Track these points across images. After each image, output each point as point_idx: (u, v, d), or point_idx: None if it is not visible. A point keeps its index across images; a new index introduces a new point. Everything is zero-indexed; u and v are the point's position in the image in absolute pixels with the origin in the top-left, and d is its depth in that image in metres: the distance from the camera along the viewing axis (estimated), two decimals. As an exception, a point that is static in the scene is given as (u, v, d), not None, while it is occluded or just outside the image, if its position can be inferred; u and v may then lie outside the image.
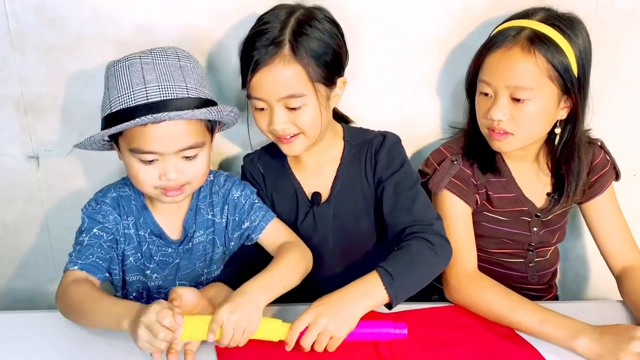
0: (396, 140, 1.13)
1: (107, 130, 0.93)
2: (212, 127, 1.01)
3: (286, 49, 0.99)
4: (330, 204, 1.12)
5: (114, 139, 0.98)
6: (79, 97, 1.18)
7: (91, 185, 1.24)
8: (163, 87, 0.93)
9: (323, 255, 1.12)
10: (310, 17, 1.02)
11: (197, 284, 1.10)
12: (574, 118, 1.08)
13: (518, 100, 1.03)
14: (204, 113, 0.95)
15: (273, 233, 1.08)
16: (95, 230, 1.01)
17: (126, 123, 0.91)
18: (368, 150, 1.12)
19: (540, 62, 1.00)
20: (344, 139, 1.14)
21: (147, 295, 1.08)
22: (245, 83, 1.03)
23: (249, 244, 1.10)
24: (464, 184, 1.12)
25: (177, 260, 1.07)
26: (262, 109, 1.03)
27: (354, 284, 0.95)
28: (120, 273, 1.06)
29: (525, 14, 1.07)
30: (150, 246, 1.05)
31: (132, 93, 0.92)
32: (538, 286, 1.24)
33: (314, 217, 1.12)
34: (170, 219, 1.06)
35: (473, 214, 1.14)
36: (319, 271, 1.10)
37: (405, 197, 1.07)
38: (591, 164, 1.17)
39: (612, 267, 1.18)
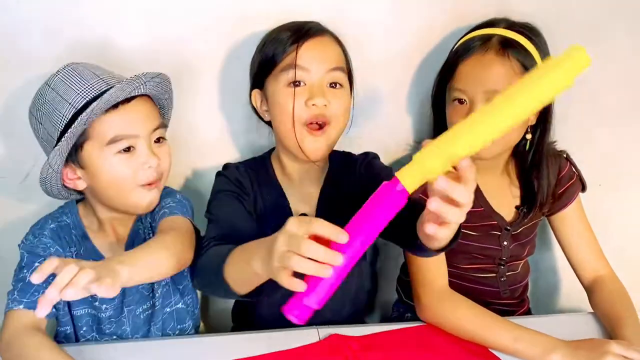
0: (374, 155, 1.14)
1: (81, 118, 0.88)
2: None
3: (328, 32, 1.02)
4: None
5: (74, 156, 0.93)
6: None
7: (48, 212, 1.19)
8: (115, 76, 0.94)
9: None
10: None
11: (148, 309, 1.04)
12: (543, 122, 1.09)
13: None
14: (165, 82, 0.98)
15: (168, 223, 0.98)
16: (37, 264, 0.95)
17: (108, 93, 0.88)
18: (352, 170, 1.09)
19: (515, 66, 1.02)
20: (329, 161, 1.11)
21: (97, 329, 1.02)
22: (275, 63, 0.99)
23: None
24: None
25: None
26: (299, 84, 0.97)
27: None
28: (66, 308, 1.00)
29: (489, 24, 1.09)
30: None
31: (90, 85, 0.91)
32: (510, 300, 1.23)
33: None
34: (113, 244, 1.02)
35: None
36: None
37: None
38: (558, 176, 1.17)
39: (582, 278, 1.18)
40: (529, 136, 1.10)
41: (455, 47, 1.11)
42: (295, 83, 0.97)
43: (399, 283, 1.31)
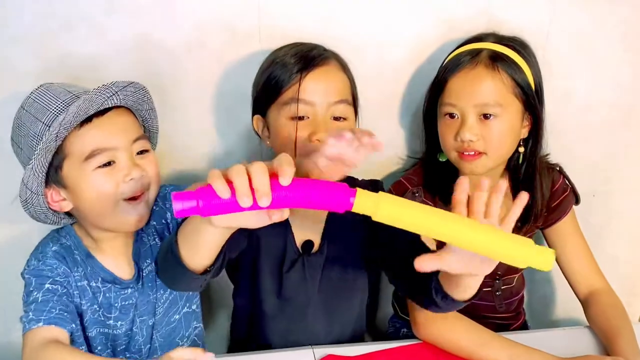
0: (381, 183, 1.13)
1: (50, 133, 0.86)
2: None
3: (334, 59, 1.00)
4: (322, 254, 1.03)
5: (55, 177, 0.91)
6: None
7: (40, 235, 1.16)
8: (89, 91, 0.90)
9: (307, 306, 1.04)
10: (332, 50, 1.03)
11: (152, 318, 1.03)
12: (535, 135, 1.09)
13: (487, 117, 1.03)
14: (140, 92, 0.95)
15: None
16: (47, 285, 0.93)
17: (75, 105, 0.85)
18: None
19: (505, 79, 1.03)
20: None
21: (112, 346, 1.01)
22: (277, 94, 0.97)
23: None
24: None
25: (137, 297, 1.01)
26: (302, 118, 0.95)
27: None
28: (80, 328, 0.98)
29: (478, 38, 1.10)
30: (107, 294, 0.98)
31: (64, 102, 0.88)
32: (506, 314, 1.22)
33: (303, 266, 1.02)
34: (118, 258, 1.00)
35: (437, 246, 1.12)
36: (302, 322, 1.04)
37: (405, 236, 0.97)
38: (551, 189, 1.17)
39: (578, 292, 1.18)
40: (521, 149, 1.10)
41: (445, 61, 1.11)
42: (299, 117, 0.95)
43: (395, 298, 1.30)
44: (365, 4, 1.14)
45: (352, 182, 1.07)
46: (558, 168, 1.19)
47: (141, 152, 0.95)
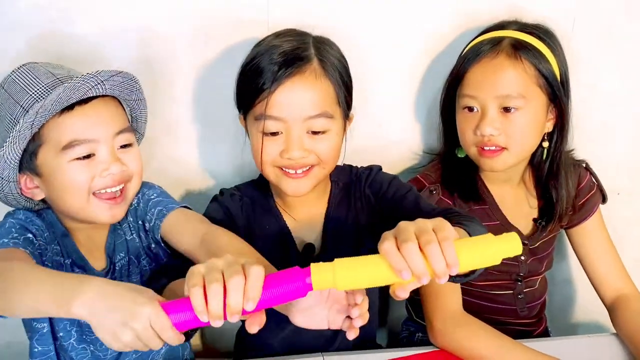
0: (379, 168, 1.05)
1: (25, 121, 0.79)
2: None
3: (315, 62, 0.88)
4: (324, 255, 0.98)
5: (29, 163, 0.85)
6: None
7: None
8: (75, 76, 0.84)
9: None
10: (327, 41, 0.94)
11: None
12: (560, 129, 1.04)
13: (508, 110, 0.98)
14: (129, 81, 0.88)
15: (175, 225, 0.91)
16: (29, 235, 0.85)
17: (55, 93, 0.79)
18: (357, 189, 1.01)
19: (528, 69, 0.98)
20: (331, 180, 1.02)
21: (78, 332, 0.94)
22: (250, 104, 0.90)
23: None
24: None
25: None
26: (275, 134, 0.89)
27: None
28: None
29: (500, 26, 1.05)
30: None
31: (45, 86, 0.82)
32: (528, 320, 1.17)
33: None
34: (92, 246, 0.94)
35: None
36: (301, 330, 0.99)
37: (408, 201, 0.95)
38: (577, 187, 1.12)
39: (603, 296, 1.12)
40: (545, 144, 1.06)
41: (464, 51, 1.06)
42: (272, 132, 0.89)
43: (409, 300, 1.25)
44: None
45: (349, 170, 1.04)
46: (584, 165, 1.14)
47: (124, 146, 0.89)
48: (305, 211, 1.01)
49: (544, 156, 1.07)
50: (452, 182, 1.07)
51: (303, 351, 0.98)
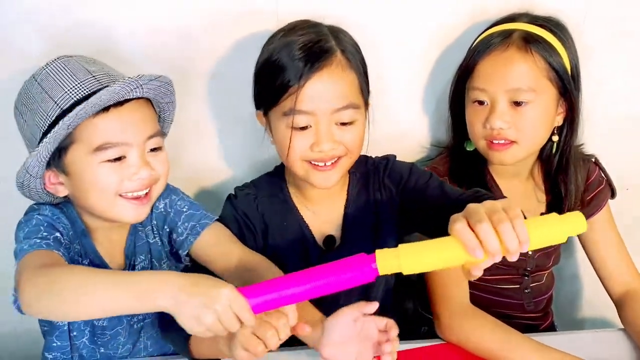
0: (395, 157, 1.05)
1: (63, 122, 0.79)
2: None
3: (339, 54, 0.88)
4: (346, 247, 0.99)
5: (57, 160, 0.84)
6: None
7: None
8: (109, 74, 0.84)
9: (337, 305, 0.99)
10: (342, 31, 0.94)
11: (142, 320, 0.98)
12: (570, 123, 1.04)
13: (519, 104, 0.98)
14: (165, 85, 0.88)
15: (209, 245, 0.93)
16: (57, 234, 0.86)
17: (96, 96, 0.79)
18: (375, 179, 1.01)
19: (538, 62, 0.97)
20: (349, 171, 1.01)
21: (90, 332, 0.94)
22: (274, 102, 0.90)
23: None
24: None
25: None
26: (305, 128, 0.89)
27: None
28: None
29: (510, 19, 1.04)
30: None
31: (81, 83, 0.82)
32: (534, 314, 1.17)
33: (328, 259, 0.97)
34: (111, 247, 0.94)
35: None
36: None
37: (432, 187, 0.96)
38: (586, 181, 1.11)
39: (611, 291, 1.12)
40: (555, 138, 1.05)
41: (474, 44, 1.05)
42: (300, 128, 0.89)
43: (415, 293, 1.24)
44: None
45: (365, 160, 1.04)
46: (594, 159, 1.14)
47: (154, 149, 0.88)
48: (323, 204, 1.00)
49: (554, 150, 1.06)
50: (460, 175, 1.07)
51: None
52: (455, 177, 1.06)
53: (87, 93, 0.81)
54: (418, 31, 1.12)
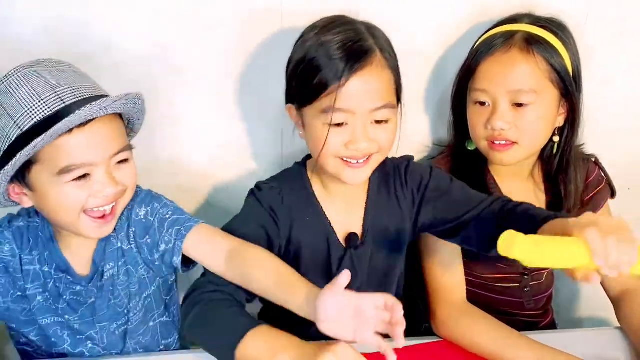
0: (413, 158, 1.05)
1: (28, 150, 0.77)
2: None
3: (378, 53, 0.88)
4: (367, 245, 0.99)
5: (20, 176, 0.83)
6: None
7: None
8: (74, 88, 0.81)
9: None
10: (374, 26, 0.93)
11: (123, 325, 0.97)
12: (571, 124, 1.04)
13: (520, 105, 0.98)
14: (133, 100, 0.84)
15: (197, 244, 0.91)
16: None
17: (56, 127, 0.76)
18: (396, 178, 1.01)
19: (540, 64, 0.97)
20: None
21: (71, 336, 0.95)
22: (311, 100, 0.89)
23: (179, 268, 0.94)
24: None
25: (92, 300, 0.94)
26: (340, 125, 0.89)
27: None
28: (21, 312, 0.93)
29: (512, 20, 1.04)
30: (57, 284, 0.93)
31: (42, 102, 0.78)
32: (534, 312, 1.18)
33: (352, 261, 0.98)
34: (79, 252, 0.93)
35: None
36: None
37: (455, 191, 0.98)
38: (586, 181, 1.12)
39: (609, 290, 1.12)
40: (556, 138, 1.05)
41: (476, 45, 1.05)
42: (338, 124, 0.89)
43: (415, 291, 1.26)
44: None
45: (384, 160, 1.00)
46: (594, 159, 1.14)
47: (120, 161, 0.86)
48: (346, 201, 1.00)
49: (554, 150, 1.06)
50: (461, 175, 1.07)
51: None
52: (457, 176, 1.07)
53: (48, 114, 0.78)
54: (420, 30, 1.13)
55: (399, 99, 0.95)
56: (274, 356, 0.76)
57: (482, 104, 1.01)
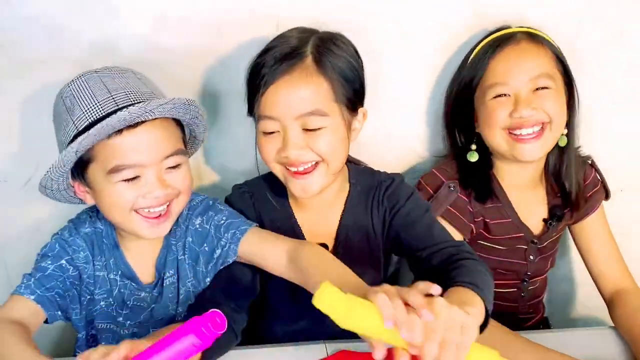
0: (401, 179, 1.03)
1: (74, 146, 0.81)
2: (184, 139, 0.93)
3: (308, 60, 0.88)
4: (337, 257, 0.99)
5: (81, 174, 0.88)
6: (33, 123, 1.09)
7: (51, 218, 1.15)
8: (130, 92, 0.85)
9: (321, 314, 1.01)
10: (333, 37, 0.93)
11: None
12: (571, 120, 1.07)
13: (540, 89, 1.00)
14: (182, 105, 0.86)
15: (254, 246, 0.92)
16: (63, 261, 0.91)
17: (99, 125, 0.80)
18: (375, 196, 1.00)
19: (548, 52, 1.02)
20: (349, 182, 1.02)
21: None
22: (252, 104, 0.91)
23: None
24: (460, 213, 1.05)
25: (153, 305, 0.97)
26: (272, 133, 0.89)
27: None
28: (84, 315, 0.96)
29: (504, 27, 1.07)
30: (122, 290, 0.96)
31: (98, 104, 0.83)
32: (527, 315, 1.20)
33: None
34: (142, 259, 0.96)
35: (469, 243, 1.07)
36: (315, 319, 0.99)
37: (422, 223, 0.96)
38: (583, 182, 1.13)
39: (603, 291, 1.14)
40: (564, 131, 1.06)
41: (475, 51, 1.06)
42: (268, 133, 0.90)
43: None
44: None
45: (372, 173, 1.04)
46: (590, 161, 1.16)
47: (172, 167, 0.88)
48: (320, 211, 1.00)
49: (564, 142, 1.07)
50: (469, 181, 1.07)
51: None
52: (464, 181, 1.07)
53: (102, 114, 0.83)
54: (418, 37, 1.13)
55: (351, 108, 0.93)
56: None
57: (500, 96, 1.01)
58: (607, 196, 1.16)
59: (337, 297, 0.63)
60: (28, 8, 1.01)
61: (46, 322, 0.91)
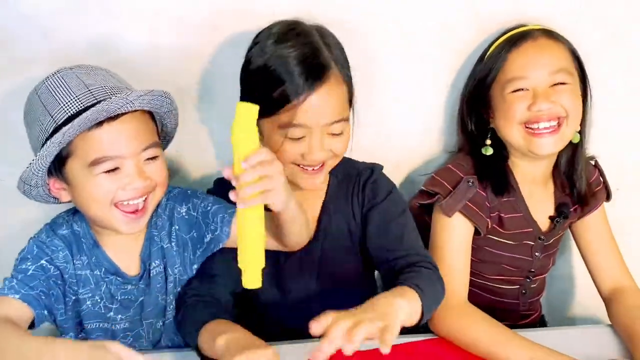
0: (380, 168, 1.06)
1: (58, 137, 0.82)
2: (158, 134, 0.94)
3: (333, 66, 0.91)
4: (318, 243, 1.02)
5: (58, 170, 0.88)
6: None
7: (44, 215, 1.14)
8: (106, 87, 0.86)
9: (306, 300, 1.02)
10: (324, 32, 0.95)
11: (163, 321, 1.01)
12: (583, 115, 1.07)
13: (559, 85, 1.01)
14: (160, 98, 0.88)
15: None
16: (43, 261, 0.92)
17: (83, 115, 0.81)
18: (355, 185, 1.03)
19: (565, 48, 1.03)
20: (330, 172, 1.04)
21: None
22: (270, 112, 0.90)
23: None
24: (478, 208, 1.05)
25: (141, 298, 0.98)
26: (299, 138, 0.92)
27: (388, 293, 0.84)
28: (73, 317, 0.96)
29: (520, 26, 1.08)
30: (109, 286, 0.97)
31: (76, 98, 0.84)
32: (526, 312, 1.20)
33: (300, 257, 1.01)
34: (125, 253, 0.97)
35: (478, 238, 1.08)
36: (301, 316, 0.98)
37: (396, 225, 0.99)
38: (588, 182, 1.14)
39: (601, 288, 1.14)
40: (578, 127, 1.07)
41: (491, 49, 1.07)
42: (295, 138, 0.92)
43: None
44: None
45: (350, 164, 1.06)
46: (594, 162, 1.17)
47: (150, 158, 0.90)
48: (303, 201, 0.99)
49: (577, 138, 1.08)
50: (487, 175, 1.07)
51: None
52: (483, 176, 1.07)
53: (81, 108, 0.83)
54: (418, 37, 1.14)
55: (351, 104, 0.97)
56: (214, 341, 0.83)
57: (518, 91, 1.02)
58: (608, 197, 1.17)
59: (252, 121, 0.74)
60: (25, 7, 1.01)
61: (32, 327, 0.90)
